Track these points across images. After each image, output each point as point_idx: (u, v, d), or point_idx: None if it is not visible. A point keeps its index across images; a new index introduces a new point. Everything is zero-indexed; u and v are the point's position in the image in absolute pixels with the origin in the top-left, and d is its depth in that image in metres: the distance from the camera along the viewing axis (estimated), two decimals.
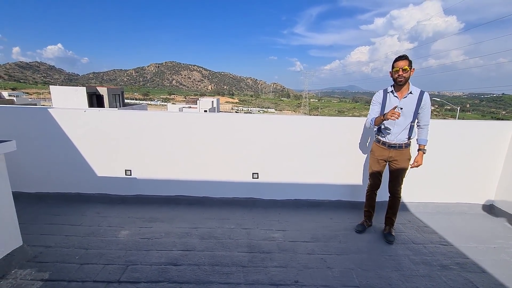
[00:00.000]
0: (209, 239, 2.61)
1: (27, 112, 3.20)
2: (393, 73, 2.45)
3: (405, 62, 2.37)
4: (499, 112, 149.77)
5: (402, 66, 2.37)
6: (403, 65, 2.37)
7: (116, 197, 3.34)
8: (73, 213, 3.03)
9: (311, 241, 2.65)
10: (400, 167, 2.60)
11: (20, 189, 3.22)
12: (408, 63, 2.37)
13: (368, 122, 2.65)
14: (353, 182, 3.37)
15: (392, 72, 2.47)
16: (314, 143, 3.27)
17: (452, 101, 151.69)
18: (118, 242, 2.50)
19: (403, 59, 2.39)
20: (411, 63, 2.40)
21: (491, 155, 3.32)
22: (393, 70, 2.45)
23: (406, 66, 2.36)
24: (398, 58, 2.42)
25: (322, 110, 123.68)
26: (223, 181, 3.35)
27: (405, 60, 2.38)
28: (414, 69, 2.45)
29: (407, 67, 2.36)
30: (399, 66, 2.38)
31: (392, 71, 2.47)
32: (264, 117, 3.32)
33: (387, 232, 2.75)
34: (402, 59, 2.40)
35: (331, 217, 3.18)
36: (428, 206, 3.40)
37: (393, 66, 2.45)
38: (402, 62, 2.38)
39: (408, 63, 2.37)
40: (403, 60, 2.38)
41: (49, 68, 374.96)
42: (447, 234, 2.86)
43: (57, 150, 3.22)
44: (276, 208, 3.34)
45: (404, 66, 2.36)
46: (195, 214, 3.11)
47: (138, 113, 3.27)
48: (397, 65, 2.40)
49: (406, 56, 2.40)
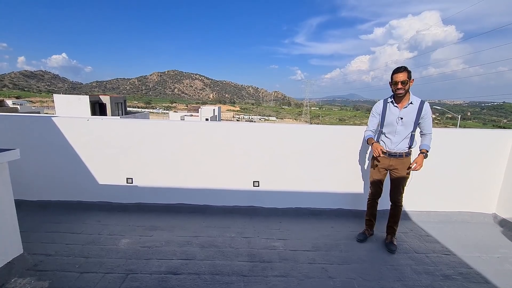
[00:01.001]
0: (209, 248, 2.60)
1: (31, 121, 3.25)
2: (392, 85, 2.45)
3: (404, 74, 2.36)
4: (500, 120, 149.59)
5: (401, 80, 2.35)
6: (401, 79, 2.35)
7: (117, 205, 3.34)
8: (74, 221, 3.04)
9: (312, 250, 2.63)
10: (400, 176, 2.60)
11: (22, 197, 3.23)
12: (407, 75, 2.36)
13: (365, 136, 2.70)
14: (354, 191, 3.36)
15: (391, 84, 2.48)
16: (315, 151, 3.29)
17: (453, 109, 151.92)
18: (118, 251, 2.49)
19: (401, 71, 2.37)
20: (410, 73, 2.38)
21: (493, 163, 3.32)
22: (392, 82, 2.45)
23: (405, 78, 2.35)
24: (397, 70, 2.40)
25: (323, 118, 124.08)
26: (224, 189, 3.36)
27: (404, 72, 2.36)
28: (414, 80, 2.42)
29: (406, 80, 2.35)
30: (398, 80, 2.37)
31: (391, 83, 2.47)
32: (265, 126, 3.35)
33: (388, 241, 2.73)
34: (400, 71, 2.38)
35: (332, 225, 3.16)
36: (430, 215, 3.38)
37: (392, 78, 2.44)
38: (400, 74, 2.36)
39: (407, 75, 2.36)
40: (402, 73, 2.36)
41: (53, 77, 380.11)
42: (450, 243, 2.83)
43: (59, 158, 3.25)
44: (277, 217, 3.33)
45: (403, 79, 2.35)
46: (195, 223, 3.11)
47: (139, 121, 3.32)
48: (396, 78, 2.38)
49: (405, 67, 2.38)
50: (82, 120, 3.24)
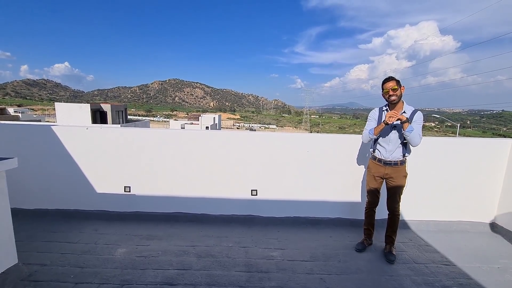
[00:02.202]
0: (206, 258, 2.57)
1: (30, 129, 3.27)
2: (384, 94, 2.53)
3: (393, 82, 2.46)
4: (500, 128, 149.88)
5: (391, 87, 2.45)
6: (391, 86, 2.45)
7: (115, 213, 3.32)
8: (71, 230, 3.02)
9: (310, 260, 2.60)
10: (396, 185, 2.60)
11: (19, 206, 3.22)
12: (396, 82, 2.46)
13: (365, 134, 2.65)
14: (352, 199, 3.35)
15: (383, 94, 2.55)
16: (313, 160, 3.29)
17: (452, 117, 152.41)
18: (114, 261, 2.46)
19: (390, 80, 2.48)
20: (399, 82, 2.49)
21: (491, 172, 3.32)
22: (383, 91, 2.53)
23: (394, 86, 2.44)
24: (386, 80, 2.51)
25: (323, 126, 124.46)
26: (222, 198, 3.35)
27: (392, 80, 2.47)
28: (404, 87, 2.52)
29: (396, 87, 2.44)
30: (388, 87, 2.47)
31: (383, 93, 2.55)
32: (263, 134, 3.37)
33: (387, 251, 2.71)
34: (389, 80, 2.49)
35: (331, 235, 3.14)
36: (429, 224, 3.36)
37: (382, 88, 2.53)
38: (390, 83, 2.47)
39: (395, 83, 2.46)
40: (391, 81, 2.47)
41: (55, 85, 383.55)
42: (449, 253, 2.80)
43: (58, 167, 3.26)
44: (275, 226, 3.31)
45: (393, 86, 2.44)
46: (193, 232, 3.08)
47: (138, 130, 3.34)
48: (386, 86, 2.49)
49: (393, 77, 2.50)
50: (82, 128, 3.26)
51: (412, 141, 2.43)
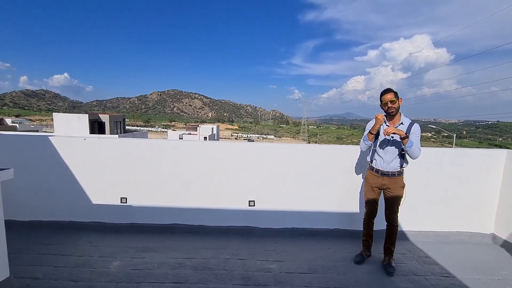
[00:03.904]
0: (203, 271, 2.53)
1: (27, 140, 3.26)
2: (383, 106, 2.56)
3: (391, 94, 2.50)
4: (496, 139, 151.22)
5: (390, 99, 2.49)
6: (390, 98, 2.49)
7: (110, 225, 3.28)
8: (65, 242, 2.96)
9: (308, 273, 2.56)
10: (394, 195, 2.61)
11: (12, 218, 3.16)
12: (394, 94, 2.50)
13: (361, 142, 2.71)
14: (351, 210, 3.33)
15: (381, 106, 2.59)
16: (311, 171, 3.30)
17: (448, 128, 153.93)
18: (109, 274, 2.41)
19: (388, 92, 2.52)
20: (397, 94, 2.53)
21: (488, 182, 3.32)
22: (382, 103, 2.56)
23: (393, 98, 2.48)
24: (384, 92, 2.55)
25: (321, 136, 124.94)
26: (219, 209, 3.32)
27: (391, 92, 2.51)
28: (402, 99, 2.55)
29: (394, 99, 2.48)
30: (387, 99, 2.50)
31: (381, 105, 2.58)
32: (261, 145, 3.38)
33: (386, 263, 2.67)
34: (387, 92, 2.53)
35: (329, 246, 3.10)
36: (428, 235, 3.33)
37: (381, 100, 2.57)
38: (388, 95, 2.51)
39: (394, 95, 2.49)
40: (389, 93, 2.51)
41: (54, 96, 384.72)
42: (449, 265, 2.77)
43: (54, 178, 3.23)
44: (272, 237, 3.27)
45: (391, 98, 2.48)
46: (189, 244, 3.04)
47: (136, 141, 3.34)
48: (384, 98, 2.52)
49: (391, 89, 2.54)
50: (79, 139, 3.26)
51: (412, 154, 2.47)
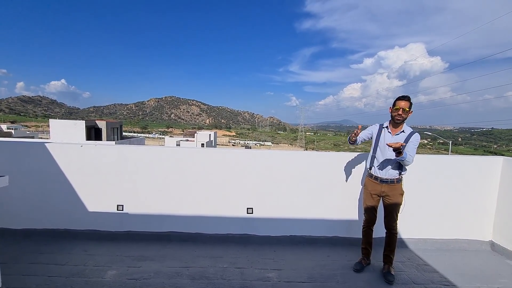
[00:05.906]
0: (200, 280, 2.48)
1: (23, 146, 3.22)
2: (393, 111, 2.52)
3: (407, 103, 2.46)
4: (491, 145, 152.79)
5: (403, 107, 2.45)
6: (404, 106, 2.45)
7: (106, 233, 3.22)
8: (59, 251, 2.90)
9: (307, 282, 2.53)
10: (393, 203, 2.60)
11: (6, 226, 3.10)
12: (409, 105, 2.47)
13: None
14: (349, 218, 3.32)
15: (392, 109, 2.55)
16: (309, 178, 3.29)
17: (444, 134, 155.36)
18: (104, 284, 2.36)
19: (405, 100, 2.47)
20: (412, 105, 2.49)
21: (486, 189, 3.34)
22: (394, 108, 2.52)
23: (407, 107, 2.45)
24: (401, 98, 2.49)
25: (318, 143, 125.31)
26: (216, 216, 3.29)
27: (407, 101, 2.47)
28: (412, 112, 2.52)
29: (407, 109, 2.45)
30: (401, 106, 2.46)
31: (392, 109, 2.55)
32: (259, 152, 3.36)
33: (386, 271, 2.65)
34: (404, 99, 2.47)
35: (328, 254, 3.07)
36: (427, 243, 3.32)
37: (394, 104, 2.52)
38: (404, 102, 2.46)
39: (409, 104, 2.46)
40: (406, 101, 2.46)
41: (50, 102, 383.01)
42: (448, 273, 2.76)
43: (50, 185, 3.18)
44: (271, 245, 3.23)
45: (405, 107, 2.45)
46: (186, 252, 2.99)
47: (132, 148, 3.31)
48: (399, 104, 2.47)
49: (409, 97, 2.49)
50: (76, 146, 3.22)
51: (403, 163, 2.48)
